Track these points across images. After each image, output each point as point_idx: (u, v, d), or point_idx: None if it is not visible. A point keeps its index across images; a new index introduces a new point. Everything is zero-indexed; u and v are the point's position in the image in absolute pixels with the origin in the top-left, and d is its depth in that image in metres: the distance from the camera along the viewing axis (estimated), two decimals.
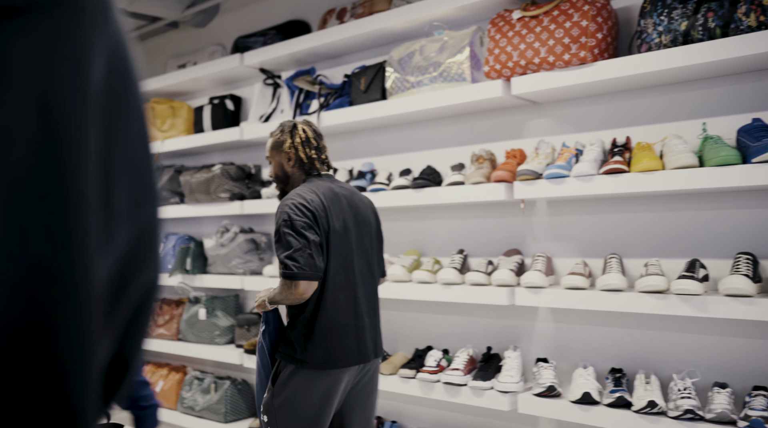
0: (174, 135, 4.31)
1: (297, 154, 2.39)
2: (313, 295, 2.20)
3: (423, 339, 3.24)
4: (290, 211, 2.18)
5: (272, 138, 2.47)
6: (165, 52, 4.89)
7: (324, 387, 2.21)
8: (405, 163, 3.32)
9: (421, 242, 3.28)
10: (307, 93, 3.59)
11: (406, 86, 3.08)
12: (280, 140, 2.44)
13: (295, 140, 2.41)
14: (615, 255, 2.53)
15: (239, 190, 3.86)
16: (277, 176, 2.47)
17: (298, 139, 2.41)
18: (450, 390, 2.80)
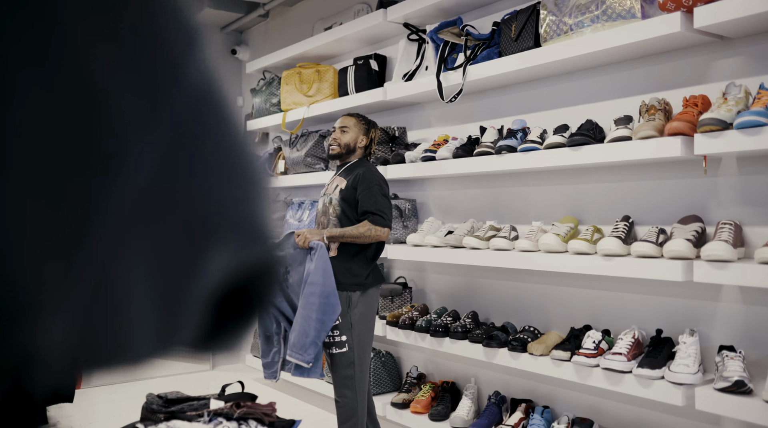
0: (320, 99, 4.21)
1: (371, 141, 3.14)
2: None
3: (580, 317, 2.87)
4: (382, 181, 3.00)
5: (355, 118, 3.13)
6: (313, 15, 4.80)
7: (374, 300, 3.01)
8: (561, 119, 2.94)
9: (580, 208, 2.89)
10: (453, 46, 3.29)
11: (562, 30, 2.69)
12: (364, 125, 3.13)
13: (376, 133, 3.18)
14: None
15: (383, 154, 3.67)
16: (348, 145, 3.09)
17: (376, 134, 3.17)
18: (611, 377, 2.43)
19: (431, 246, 3.28)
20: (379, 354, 3.76)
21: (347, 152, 3.09)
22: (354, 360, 2.89)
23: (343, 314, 2.89)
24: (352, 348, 2.89)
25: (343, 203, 2.97)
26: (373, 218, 2.88)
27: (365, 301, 2.93)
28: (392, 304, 3.67)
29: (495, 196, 3.31)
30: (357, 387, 2.90)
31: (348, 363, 2.89)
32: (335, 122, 3.15)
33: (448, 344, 3.15)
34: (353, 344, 2.89)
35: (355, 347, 2.89)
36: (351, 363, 2.89)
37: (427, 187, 3.72)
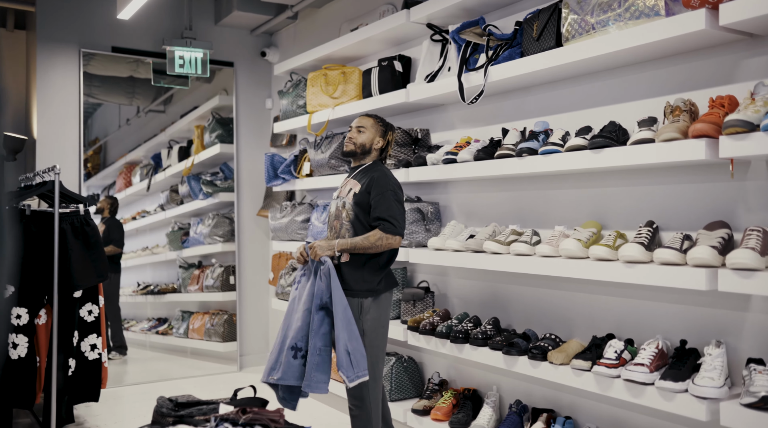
0: (345, 101, 4.18)
1: (387, 144, 3.10)
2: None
3: (603, 325, 2.78)
4: (396, 186, 2.96)
5: (373, 119, 3.09)
6: (340, 16, 4.78)
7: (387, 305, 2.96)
8: (586, 120, 2.85)
9: (603, 212, 2.80)
10: (475, 46, 3.23)
11: (584, 29, 2.60)
12: (381, 127, 3.09)
13: (393, 136, 3.14)
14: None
15: (405, 156, 3.62)
16: (363, 146, 3.06)
17: (393, 137, 3.14)
18: (632, 388, 2.34)
19: (452, 250, 3.22)
20: (401, 360, 3.71)
21: (362, 152, 3.05)
22: (369, 367, 2.84)
23: (356, 321, 2.85)
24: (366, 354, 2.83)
25: (357, 207, 2.92)
26: (384, 225, 2.85)
27: (377, 306, 2.90)
28: (414, 308, 3.61)
29: (518, 199, 3.23)
30: (371, 395, 2.86)
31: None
32: (352, 122, 3.12)
33: (468, 350, 3.08)
34: (366, 349, 2.84)
35: (368, 353, 2.84)
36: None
37: (450, 190, 3.66)
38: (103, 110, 5.93)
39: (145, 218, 6.25)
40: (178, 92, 5.90)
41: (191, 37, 5.25)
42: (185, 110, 6.05)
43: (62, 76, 4.97)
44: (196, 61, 5.22)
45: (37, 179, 3.86)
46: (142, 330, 6.07)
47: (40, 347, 3.57)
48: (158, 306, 6.18)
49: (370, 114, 3.15)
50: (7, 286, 3.53)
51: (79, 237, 3.68)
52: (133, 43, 5.21)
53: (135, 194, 6.17)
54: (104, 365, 3.80)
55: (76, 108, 5.02)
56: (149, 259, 6.33)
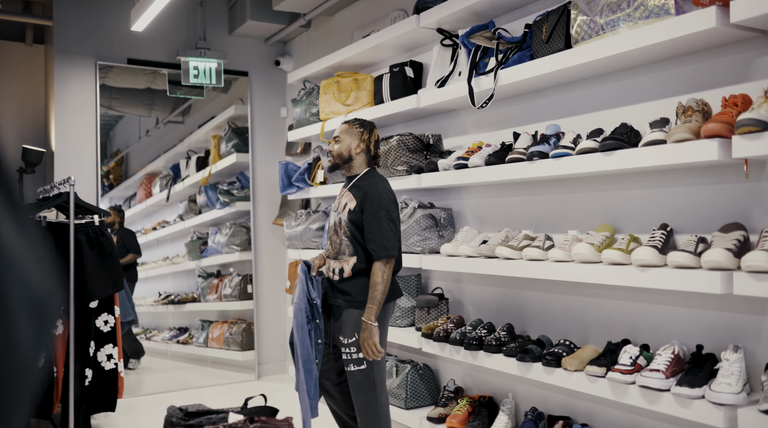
0: (357, 108, 4.18)
1: (368, 146, 3.00)
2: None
3: (618, 330, 2.73)
4: (389, 202, 2.89)
5: (347, 124, 3.04)
6: (352, 24, 4.79)
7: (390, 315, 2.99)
8: (597, 123, 2.81)
9: (617, 216, 2.76)
10: (485, 50, 3.20)
11: (594, 30, 2.57)
12: (357, 129, 3.02)
13: (372, 135, 3.03)
14: None
15: (417, 162, 3.60)
16: (341, 155, 3.01)
17: (374, 137, 3.04)
18: (648, 395, 2.29)
19: (465, 256, 3.19)
20: (417, 367, 3.68)
21: (343, 161, 3.01)
22: (374, 378, 2.88)
23: (359, 331, 2.87)
24: (370, 365, 2.88)
25: (351, 225, 2.92)
26: (377, 255, 2.82)
27: (382, 317, 2.90)
28: (428, 315, 3.58)
29: (531, 204, 3.19)
30: (378, 402, 2.89)
31: (366, 379, 2.89)
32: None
33: (482, 357, 3.05)
34: (371, 361, 2.87)
35: (372, 364, 2.87)
36: (371, 380, 2.89)
37: (463, 195, 3.63)
38: (124, 122, 6.00)
39: (165, 229, 6.29)
40: (195, 103, 5.94)
41: (205, 48, 5.29)
42: (203, 120, 6.09)
43: (79, 88, 5.04)
44: (210, 72, 5.26)
45: (53, 191, 3.91)
46: (164, 340, 6.11)
47: (57, 357, 3.59)
48: (179, 316, 6.22)
49: (348, 119, 3.10)
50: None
51: (95, 248, 3.71)
52: (149, 55, 5.26)
53: (155, 205, 6.22)
54: (120, 375, 3.82)
55: (93, 120, 5.08)
56: (170, 269, 6.37)
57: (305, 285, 3.00)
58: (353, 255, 2.91)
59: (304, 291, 3.00)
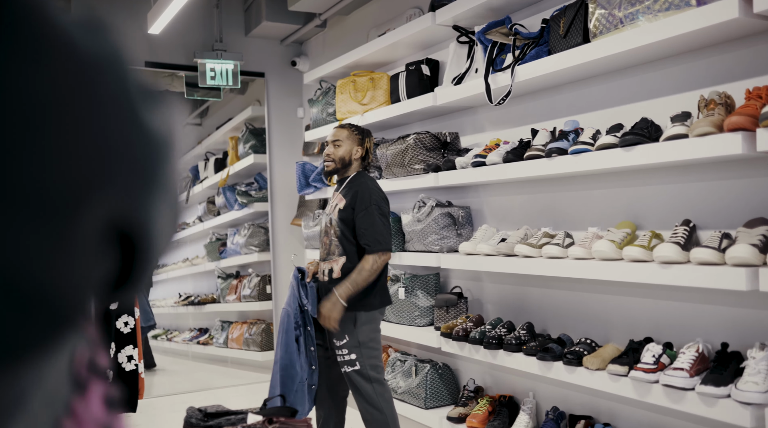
0: (374, 107, 4.16)
1: (367, 151, 3.10)
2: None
3: (639, 328, 2.68)
4: (380, 199, 2.97)
5: (347, 129, 3.10)
6: (368, 23, 4.77)
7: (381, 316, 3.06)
8: (617, 118, 2.77)
9: (638, 212, 2.71)
10: (501, 47, 3.17)
11: (613, 23, 2.53)
12: (357, 135, 3.09)
13: (371, 141, 3.14)
14: None
15: (434, 160, 3.58)
16: (342, 159, 3.07)
17: (371, 143, 3.13)
18: (671, 394, 2.25)
19: (484, 255, 3.17)
20: (436, 366, 3.65)
21: (343, 166, 3.09)
22: (370, 376, 2.95)
23: (350, 333, 2.95)
24: (364, 365, 2.95)
25: (342, 223, 2.97)
26: (372, 248, 2.90)
27: (374, 320, 2.99)
28: (447, 314, 3.56)
29: (550, 201, 3.15)
30: (381, 400, 2.95)
31: (364, 379, 2.96)
32: (327, 136, 3.16)
33: (502, 356, 3.02)
34: (364, 361, 2.95)
35: (366, 363, 2.95)
36: (367, 378, 2.96)
37: (481, 193, 3.60)
38: None
39: (185, 230, 6.33)
40: (213, 105, 5.97)
41: (222, 50, 5.31)
42: (220, 121, 6.12)
43: None
44: (227, 73, 5.27)
45: None
46: (184, 341, 6.14)
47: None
48: (199, 317, 6.25)
49: (344, 124, 3.16)
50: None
51: None
52: (166, 58, 5.28)
53: None
54: (141, 376, 3.84)
55: None
56: (189, 270, 6.41)
57: (296, 291, 3.07)
58: (342, 255, 2.98)
59: (295, 297, 3.07)
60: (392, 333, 3.82)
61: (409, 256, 3.72)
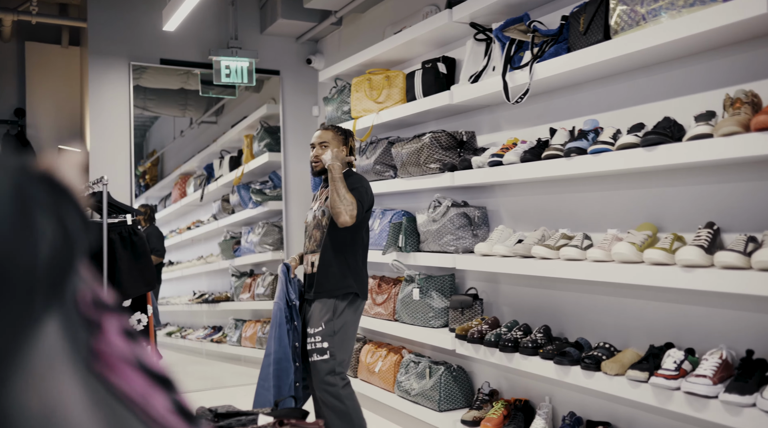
0: (389, 105, 4.11)
1: (351, 151, 3.23)
2: (362, 247, 3.14)
3: (660, 333, 2.62)
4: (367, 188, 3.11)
5: (332, 131, 3.22)
6: (384, 20, 4.73)
7: (360, 313, 3.14)
8: (638, 117, 2.70)
9: (660, 214, 2.64)
10: (520, 44, 3.11)
11: (635, 20, 2.46)
12: (340, 136, 3.22)
13: (353, 141, 3.27)
14: None
15: (450, 160, 3.52)
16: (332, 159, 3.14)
17: (353, 142, 3.27)
18: (694, 402, 2.18)
19: (500, 256, 3.11)
20: (450, 369, 3.60)
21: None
22: (335, 368, 3.02)
23: (327, 321, 3.02)
24: (334, 356, 3.01)
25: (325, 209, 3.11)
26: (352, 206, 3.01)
27: (353, 311, 3.08)
28: (462, 316, 3.50)
29: (568, 202, 3.09)
30: (342, 393, 3.01)
31: (330, 369, 3.02)
32: (312, 138, 3.24)
33: (518, 360, 2.96)
34: (335, 351, 3.01)
35: (337, 354, 3.02)
36: (332, 369, 3.02)
37: (497, 193, 3.54)
38: (159, 122, 6.04)
39: (200, 228, 6.32)
40: (228, 103, 5.95)
41: (237, 47, 5.28)
42: (236, 120, 6.10)
43: (113, 89, 5.07)
44: (242, 71, 5.25)
45: (88, 191, 3.93)
46: (198, 338, 6.13)
47: None
48: (213, 315, 6.24)
49: (327, 126, 3.27)
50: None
51: (128, 247, 3.71)
52: (181, 55, 5.27)
53: (189, 205, 6.25)
54: None
55: (126, 120, 5.11)
56: (204, 268, 6.40)
57: (285, 286, 3.15)
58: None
59: (284, 292, 3.15)
60: (406, 334, 3.77)
61: (423, 256, 3.67)
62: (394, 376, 3.96)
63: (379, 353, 4.19)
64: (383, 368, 4.05)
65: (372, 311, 4.15)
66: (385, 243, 3.90)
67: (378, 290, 4.18)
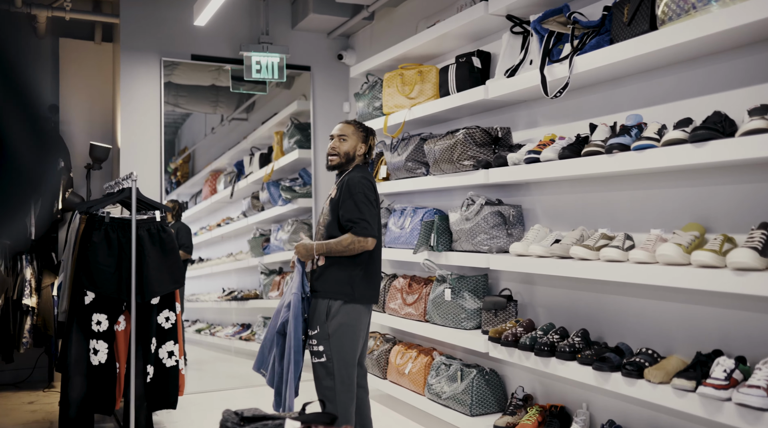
0: (422, 101, 4.02)
1: (369, 149, 3.16)
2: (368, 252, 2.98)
3: (707, 340, 2.48)
4: (367, 188, 2.97)
5: (353, 126, 3.15)
6: (417, 15, 4.63)
7: (365, 319, 3.03)
8: (684, 112, 2.57)
9: (707, 214, 2.51)
10: (559, 36, 2.99)
11: (683, 9, 2.33)
12: (362, 132, 3.15)
13: (374, 140, 3.19)
14: None
15: (484, 156, 3.42)
16: (347, 154, 3.11)
17: (374, 141, 3.19)
18: (746, 414, 2.05)
19: (536, 256, 3.00)
20: (483, 372, 3.50)
21: (347, 160, 3.12)
22: (333, 371, 2.92)
23: (321, 324, 2.95)
24: (330, 359, 2.92)
25: (331, 213, 3.01)
26: (355, 228, 2.90)
27: (347, 313, 2.94)
28: (495, 318, 3.39)
29: (608, 201, 2.96)
30: (338, 399, 2.92)
31: (327, 373, 2.94)
32: (333, 130, 3.17)
33: (555, 364, 2.84)
34: (331, 354, 2.92)
35: (333, 357, 2.92)
36: (330, 373, 2.93)
37: (533, 191, 3.43)
38: (191, 120, 6.03)
39: (229, 225, 6.30)
40: (259, 99, 5.91)
41: (268, 42, 5.23)
42: (266, 116, 6.06)
43: (144, 84, 5.06)
44: (272, 67, 5.20)
45: (118, 186, 3.90)
46: (227, 336, 6.11)
47: (119, 353, 3.58)
48: (242, 312, 6.21)
49: (349, 121, 3.19)
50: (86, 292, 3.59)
51: (156, 244, 3.68)
52: (212, 51, 5.24)
53: (219, 202, 6.23)
54: (181, 372, 3.78)
55: (157, 116, 5.10)
56: (233, 265, 6.38)
57: (302, 278, 3.05)
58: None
59: (300, 285, 3.04)
60: (437, 335, 3.68)
61: (456, 256, 3.56)
62: (425, 378, 3.87)
63: (409, 354, 4.10)
64: (413, 370, 3.96)
65: (402, 311, 4.06)
66: (417, 242, 3.80)
67: (409, 290, 4.09)
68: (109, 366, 3.56)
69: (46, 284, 5.14)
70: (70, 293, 3.68)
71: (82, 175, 5.62)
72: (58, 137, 5.63)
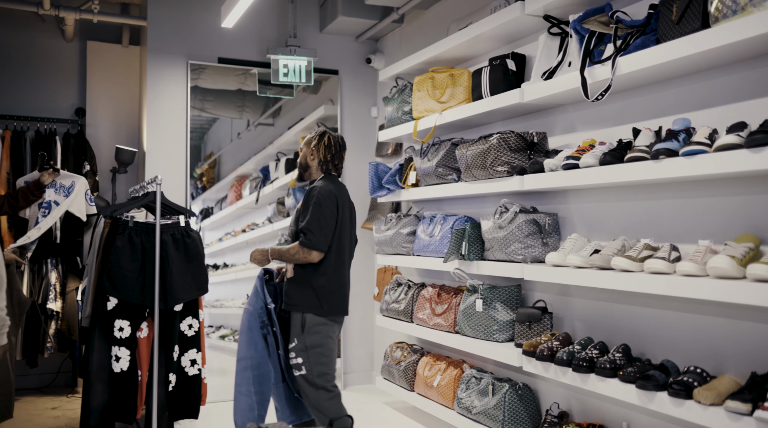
0: (453, 105, 3.90)
1: (318, 154, 3.35)
2: (332, 261, 3.20)
3: (762, 360, 2.32)
4: (325, 197, 3.15)
5: (308, 136, 3.41)
6: (448, 17, 4.52)
7: (337, 331, 3.25)
8: (738, 116, 2.42)
9: (760, 224, 2.35)
10: (600, 37, 2.86)
11: (739, 5, 2.18)
12: (311, 139, 3.40)
13: (321, 143, 3.35)
14: None
15: (519, 162, 3.29)
16: (301, 165, 3.40)
17: (324, 143, 3.34)
18: None
19: (574, 267, 2.85)
20: (516, 386, 3.35)
21: (303, 169, 3.41)
22: (315, 382, 3.14)
23: (298, 336, 3.16)
24: (310, 371, 3.13)
25: (295, 222, 3.24)
26: (302, 239, 3.13)
27: (319, 326, 3.17)
28: (530, 331, 3.25)
29: (652, 209, 2.81)
30: (325, 406, 3.12)
31: (309, 384, 3.15)
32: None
33: (594, 381, 2.70)
34: (311, 366, 3.13)
35: (313, 369, 3.13)
36: (312, 384, 3.14)
37: (570, 199, 3.28)
38: (217, 125, 5.98)
39: (254, 231, 6.23)
40: (285, 104, 5.84)
41: (295, 46, 5.16)
42: (293, 121, 5.98)
43: (171, 88, 5.01)
44: (300, 70, 5.12)
45: (143, 190, 3.84)
46: None
47: (141, 360, 3.50)
48: None
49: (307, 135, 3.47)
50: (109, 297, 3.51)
51: (180, 249, 3.60)
52: (239, 54, 5.18)
53: (245, 207, 6.17)
54: (204, 381, 3.70)
55: (183, 120, 5.04)
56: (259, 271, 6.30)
57: (259, 291, 3.29)
58: None
59: (259, 297, 3.28)
60: (467, 347, 3.54)
61: (488, 265, 3.43)
62: (454, 392, 3.74)
63: (437, 366, 3.97)
64: (442, 382, 3.83)
65: (431, 321, 3.93)
66: (447, 250, 3.68)
67: (438, 299, 3.96)
68: (131, 373, 3.48)
69: (71, 288, 5.11)
70: (93, 299, 3.62)
71: (108, 178, 5.59)
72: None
